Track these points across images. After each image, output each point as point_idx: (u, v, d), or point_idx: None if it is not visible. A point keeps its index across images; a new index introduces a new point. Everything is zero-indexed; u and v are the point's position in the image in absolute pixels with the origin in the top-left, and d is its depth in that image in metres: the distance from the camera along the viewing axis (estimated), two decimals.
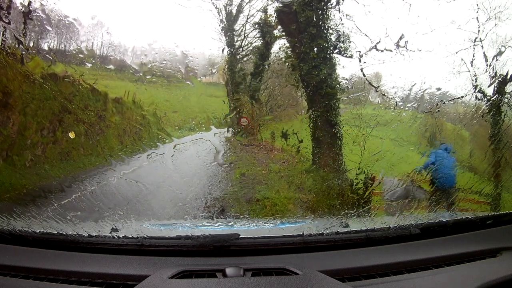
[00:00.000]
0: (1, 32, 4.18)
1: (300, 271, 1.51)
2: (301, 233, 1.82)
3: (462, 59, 5.94)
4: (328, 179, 6.27)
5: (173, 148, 5.06)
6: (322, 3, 7.14)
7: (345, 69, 7.37)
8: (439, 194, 4.69)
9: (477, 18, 5.80)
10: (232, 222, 3.09)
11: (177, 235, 1.78)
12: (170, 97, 6.84)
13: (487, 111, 5.03)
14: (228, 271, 1.51)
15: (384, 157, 5.32)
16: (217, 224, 2.56)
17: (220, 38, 8.58)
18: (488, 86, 5.34)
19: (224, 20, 8.56)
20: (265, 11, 7.99)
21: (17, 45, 4.46)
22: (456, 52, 5.70)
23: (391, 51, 5.73)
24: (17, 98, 5.54)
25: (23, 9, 4.15)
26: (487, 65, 5.51)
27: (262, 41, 8.35)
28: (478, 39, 5.79)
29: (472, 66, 5.97)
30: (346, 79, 7.29)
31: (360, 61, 6.56)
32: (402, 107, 5.58)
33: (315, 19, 7.08)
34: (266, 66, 8.57)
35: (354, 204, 5.07)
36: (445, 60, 5.67)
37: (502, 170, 4.02)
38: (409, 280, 1.61)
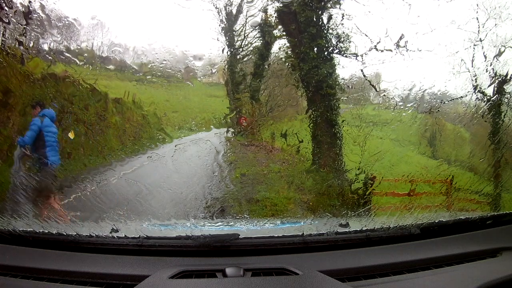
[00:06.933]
0: (1, 32, 4.18)
1: (300, 271, 1.51)
2: (301, 233, 1.82)
3: (462, 59, 5.94)
4: (328, 179, 6.27)
5: (173, 148, 5.06)
6: (322, 3, 7.14)
7: (345, 69, 7.38)
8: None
9: (477, 18, 5.80)
10: (232, 222, 3.10)
11: (177, 235, 1.78)
12: (170, 97, 6.84)
13: (487, 111, 5.03)
14: (228, 271, 1.51)
15: (384, 157, 5.32)
16: (217, 224, 2.56)
17: (219, 39, 8.57)
18: (488, 86, 5.34)
19: (224, 20, 8.55)
20: (265, 11, 7.98)
21: (17, 45, 4.46)
22: (456, 52, 5.70)
23: (391, 51, 5.75)
24: (17, 98, 5.54)
25: (23, 9, 4.15)
26: (487, 65, 5.51)
27: (262, 41, 8.35)
28: (478, 39, 5.79)
29: (472, 66, 5.98)
30: (346, 79, 7.30)
31: (360, 61, 6.58)
32: (402, 107, 5.58)
33: (315, 19, 7.08)
34: (266, 66, 8.56)
35: (354, 204, 5.07)
36: (445, 60, 5.68)
37: (502, 170, 4.02)
38: (409, 280, 1.60)
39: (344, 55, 7.09)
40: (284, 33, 7.81)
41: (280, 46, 8.09)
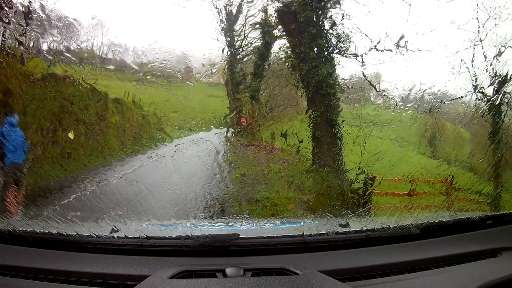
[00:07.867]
0: (1, 32, 4.18)
1: (300, 271, 1.51)
2: (301, 233, 1.82)
3: (462, 59, 5.95)
4: (328, 179, 6.27)
5: (173, 148, 5.06)
6: (322, 3, 7.14)
7: (345, 69, 7.38)
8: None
9: (477, 18, 5.80)
10: (232, 222, 3.09)
11: (177, 235, 1.77)
12: (170, 97, 6.84)
13: (487, 111, 5.04)
14: (228, 271, 1.51)
15: (384, 157, 5.33)
16: (217, 224, 2.56)
17: (219, 39, 8.56)
18: (488, 86, 5.35)
19: (224, 20, 8.54)
20: (265, 11, 7.99)
21: (17, 45, 4.47)
22: (456, 52, 5.71)
23: (391, 51, 5.75)
24: (17, 98, 5.54)
25: (23, 9, 4.15)
26: (487, 65, 5.51)
27: (262, 41, 8.35)
28: (478, 39, 5.80)
29: (472, 66, 5.98)
30: (346, 79, 7.30)
31: (360, 61, 6.58)
32: (402, 107, 5.59)
33: (315, 19, 7.08)
34: (266, 66, 8.57)
35: (354, 204, 5.08)
36: (445, 60, 5.68)
37: (502, 170, 4.02)
38: (409, 280, 1.60)
39: (344, 55, 7.10)
40: (284, 33, 7.82)
41: (280, 46, 8.10)
